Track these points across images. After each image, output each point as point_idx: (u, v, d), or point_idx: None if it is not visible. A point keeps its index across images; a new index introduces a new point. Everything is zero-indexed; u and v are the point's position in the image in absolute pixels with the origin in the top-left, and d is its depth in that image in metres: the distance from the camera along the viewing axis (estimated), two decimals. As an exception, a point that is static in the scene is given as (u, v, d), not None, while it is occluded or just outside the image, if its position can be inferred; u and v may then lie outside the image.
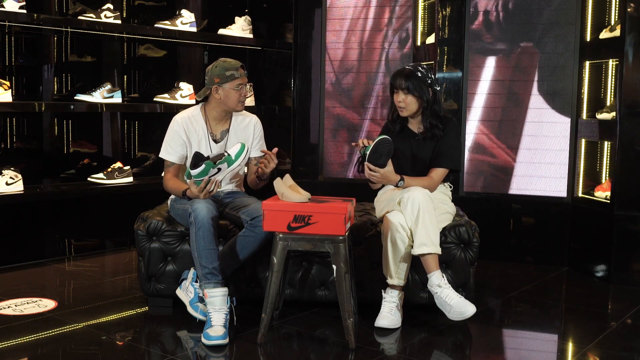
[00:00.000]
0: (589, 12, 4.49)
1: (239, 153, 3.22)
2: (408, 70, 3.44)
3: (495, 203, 4.73)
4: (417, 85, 3.40)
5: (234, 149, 3.23)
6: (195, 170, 3.15)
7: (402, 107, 3.45)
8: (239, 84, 3.40)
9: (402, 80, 3.42)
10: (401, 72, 3.46)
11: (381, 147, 3.23)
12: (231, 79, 3.40)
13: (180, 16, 4.99)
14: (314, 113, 5.32)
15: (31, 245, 4.51)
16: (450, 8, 4.71)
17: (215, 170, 3.17)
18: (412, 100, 3.43)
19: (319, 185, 5.21)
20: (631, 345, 3.21)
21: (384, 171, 3.28)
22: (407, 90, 3.41)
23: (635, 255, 4.18)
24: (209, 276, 3.11)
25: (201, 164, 3.14)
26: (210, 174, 3.17)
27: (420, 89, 3.41)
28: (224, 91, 3.41)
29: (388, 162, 3.27)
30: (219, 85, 3.40)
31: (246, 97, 3.47)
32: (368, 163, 3.27)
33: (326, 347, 3.10)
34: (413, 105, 3.44)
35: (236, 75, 3.40)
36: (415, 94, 3.41)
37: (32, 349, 3.00)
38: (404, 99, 3.43)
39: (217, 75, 3.40)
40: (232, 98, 3.42)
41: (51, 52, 4.79)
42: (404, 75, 3.43)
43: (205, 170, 3.15)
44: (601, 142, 4.48)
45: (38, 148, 4.83)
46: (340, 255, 3.01)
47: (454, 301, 3.17)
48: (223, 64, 3.42)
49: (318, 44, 5.26)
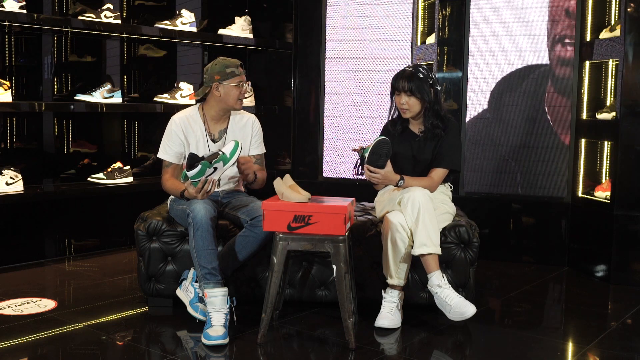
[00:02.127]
0: (589, 12, 4.49)
1: (233, 151, 3.21)
2: (409, 72, 3.43)
3: (495, 203, 4.73)
4: (420, 86, 3.40)
5: (228, 147, 3.22)
6: (191, 171, 3.15)
7: (405, 109, 3.44)
8: (239, 81, 3.41)
9: (404, 83, 3.40)
10: (402, 73, 3.45)
11: (380, 148, 3.23)
12: (232, 76, 3.39)
13: (180, 16, 4.99)
14: (314, 113, 5.32)
15: (31, 245, 4.51)
16: (450, 8, 4.71)
17: (211, 169, 3.16)
18: (415, 102, 3.42)
19: (319, 185, 5.21)
20: (631, 345, 3.21)
21: (384, 172, 3.28)
22: (410, 92, 3.40)
23: (635, 255, 4.17)
24: (208, 276, 3.11)
25: (197, 164, 3.14)
26: (206, 174, 3.16)
27: (422, 90, 3.40)
28: (224, 88, 3.41)
29: (387, 163, 3.27)
30: (219, 82, 3.40)
31: (245, 96, 3.47)
32: (368, 165, 3.27)
33: (326, 347, 3.10)
34: (416, 106, 3.44)
35: (237, 72, 3.40)
36: (417, 96, 3.41)
37: (32, 349, 3.00)
38: (407, 101, 3.42)
39: (218, 73, 3.40)
40: (232, 95, 3.41)
41: (51, 52, 4.79)
42: (406, 77, 3.41)
43: (201, 170, 3.14)
44: (601, 142, 4.48)
45: (38, 148, 4.83)
46: (340, 255, 3.01)
47: (454, 301, 3.17)
48: (223, 62, 3.42)
49: (318, 44, 5.26)
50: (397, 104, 3.47)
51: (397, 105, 3.48)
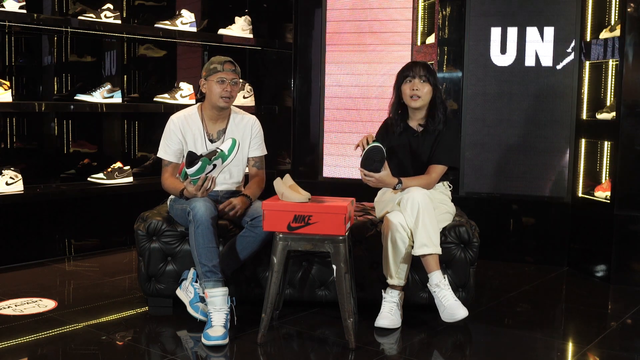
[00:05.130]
0: (589, 12, 4.49)
1: (231, 148, 3.21)
2: (422, 62, 3.51)
3: (495, 203, 4.73)
4: (434, 75, 3.47)
5: (225, 144, 3.23)
6: (191, 168, 3.15)
7: (418, 96, 3.42)
8: (220, 77, 3.38)
9: (420, 69, 3.43)
10: (417, 62, 3.51)
11: (373, 154, 3.23)
12: (214, 72, 3.39)
13: (180, 16, 4.99)
14: (314, 113, 5.32)
15: (31, 245, 4.51)
16: (450, 8, 4.71)
17: (211, 167, 3.17)
18: (428, 89, 3.44)
19: (319, 185, 5.21)
20: (631, 345, 3.22)
21: (379, 176, 3.27)
22: (426, 78, 3.42)
23: (635, 255, 4.17)
24: (208, 274, 3.10)
25: (197, 161, 3.14)
26: (206, 171, 3.17)
27: (435, 79, 3.46)
28: (208, 84, 3.41)
29: (385, 166, 3.26)
30: (205, 79, 3.42)
31: (231, 94, 3.40)
32: (361, 168, 3.27)
33: (326, 347, 3.10)
34: (428, 94, 3.45)
35: (219, 68, 3.39)
36: (431, 83, 3.44)
37: (32, 349, 3.00)
38: (421, 87, 3.42)
39: (205, 69, 3.43)
40: (214, 92, 3.39)
41: (51, 52, 4.79)
42: (421, 64, 3.47)
43: (201, 167, 3.15)
44: (601, 142, 4.48)
45: (38, 148, 4.83)
46: (340, 255, 3.01)
47: (448, 303, 3.18)
48: (212, 59, 3.44)
49: (318, 44, 5.26)
50: (408, 91, 3.43)
51: (407, 93, 3.44)
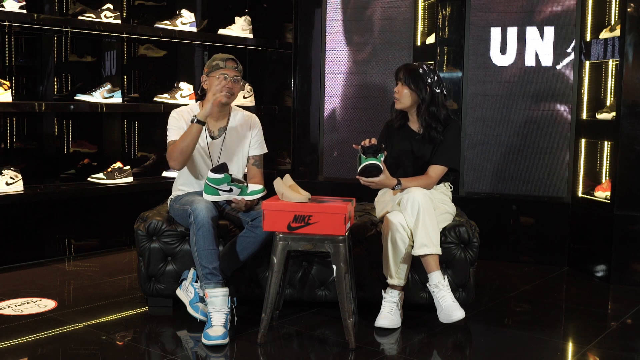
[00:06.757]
0: (589, 12, 4.49)
1: (255, 191, 3.32)
2: (411, 66, 3.54)
3: (495, 203, 4.73)
4: (414, 80, 3.46)
5: (254, 186, 3.33)
6: (214, 174, 3.22)
7: (397, 98, 3.52)
8: (221, 73, 3.38)
9: (401, 72, 3.51)
10: (404, 65, 3.56)
11: (369, 168, 3.24)
12: (215, 68, 3.41)
13: (180, 16, 4.99)
14: (314, 113, 5.32)
15: (31, 245, 4.51)
16: (450, 8, 4.71)
17: (227, 187, 3.26)
18: (406, 93, 3.48)
19: (319, 185, 5.21)
20: (631, 345, 3.21)
21: (378, 179, 3.28)
22: (403, 82, 3.48)
23: (635, 255, 4.17)
24: (209, 276, 3.10)
25: (223, 173, 3.22)
26: (221, 187, 3.24)
27: (416, 84, 3.46)
28: (209, 80, 3.42)
29: (383, 168, 3.27)
30: (206, 75, 3.44)
31: (232, 91, 3.40)
32: (360, 176, 3.28)
33: (326, 347, 3.10)
34: (406, 98, 3.49)
35: (220, 64, 3.40)
36: (411, 87, 3.46)
37: (32, 349, 3.00)
38: (399, 90, 3.50)
39: (207, 66, 3.46)
40: (214, 88, 3.39)
41: (51, 52, 4.79)
42: (404, 67, 3.53)
43: (222, 180, 3.23)
44: (601, 142, 4.48)
45: (38, 148, 4.83)
46: (340, 255, 3.01)
47: (446, 304, 3.18)
48: (214, 56, 3.46)
49: (318, 44, 5.25)
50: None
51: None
